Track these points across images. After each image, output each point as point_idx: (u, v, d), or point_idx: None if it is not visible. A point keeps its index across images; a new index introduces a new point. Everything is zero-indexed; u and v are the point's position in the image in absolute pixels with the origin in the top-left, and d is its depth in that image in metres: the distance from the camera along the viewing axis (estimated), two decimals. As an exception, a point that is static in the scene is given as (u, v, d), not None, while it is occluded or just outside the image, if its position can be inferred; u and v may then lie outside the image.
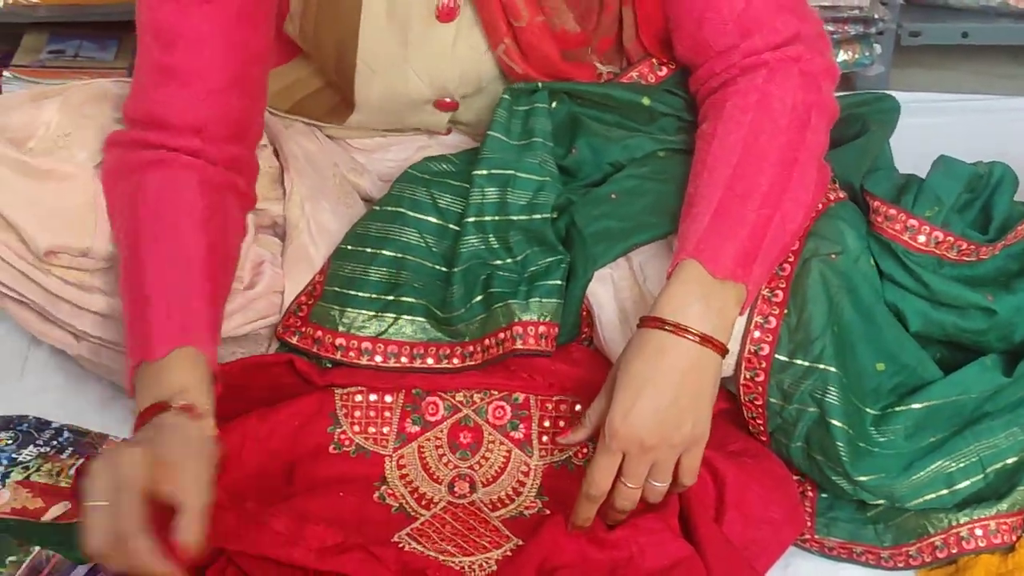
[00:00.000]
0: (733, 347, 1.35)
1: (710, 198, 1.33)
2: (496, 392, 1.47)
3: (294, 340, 1.48)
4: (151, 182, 1.37)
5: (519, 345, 1.41)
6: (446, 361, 1.46)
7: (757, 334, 1.37)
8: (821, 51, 1.42)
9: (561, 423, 1.45)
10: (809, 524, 1.44)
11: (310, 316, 1.49)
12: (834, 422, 1.37)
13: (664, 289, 1.29)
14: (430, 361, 1.46)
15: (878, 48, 2.49)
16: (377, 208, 1.54)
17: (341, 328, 1.47)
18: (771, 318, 1.37)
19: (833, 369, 1.36)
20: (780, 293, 1.37)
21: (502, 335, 1.42)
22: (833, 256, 1.38)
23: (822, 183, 1.39)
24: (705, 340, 1.26)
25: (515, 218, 1.47)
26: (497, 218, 1.48)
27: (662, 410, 1.25)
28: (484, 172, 1.48)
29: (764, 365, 1.38)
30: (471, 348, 1.45)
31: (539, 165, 1.48)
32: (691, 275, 1.28)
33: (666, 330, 1.26)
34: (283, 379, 1.49)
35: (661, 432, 1.25)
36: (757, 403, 1.40)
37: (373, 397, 1.47)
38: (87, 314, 1.48)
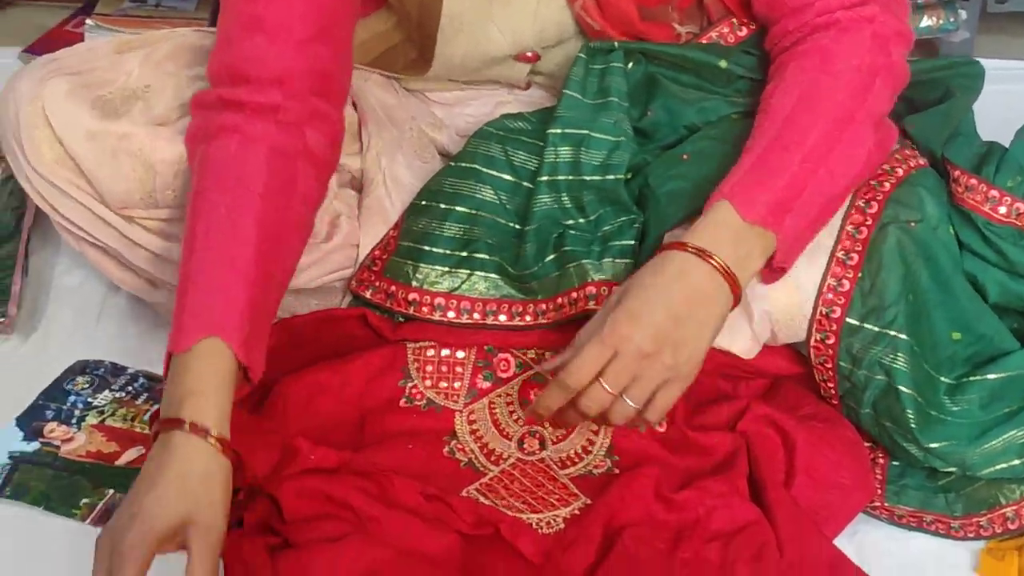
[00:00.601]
0: (806, 308, 1.36)
1: (755, 148, 1.33)
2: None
3: (367, 294, 1.49)
4: (216, 151, 1.33)
5: (592, 305, 1.40)
6: (518, 318, 1.46)
7: (830, 296, 1.37)
8: (897, 14, 1.40)
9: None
10: (879, 491, 1.43)
11: (384, 271, 1.50)
12: (903, 389, 1.36)
13: (694, 226, 1.29)
14: (502, 318, 1.47)
15: (963, 14, 2.44)
16: (452, 164, 1.54)
17: (414, 283, 1.48)
18: (845, 281, 1.36)
19: (904, 336, 1.35)
20: (855, 256, 1.36)
21: (575, 294, 1.42)
22: (912, 224, 1.37)
23: (883, 145, 1.38)
24: (727, 274, 1.26)
25: (588, 178, 1.47)
26: (571, 177, 1.47)
27: (668, 323, 1.25)
28: (559, 131, 1.48)
29: (835, 328, 1.37)
30: (543, 306, 1.45)
31: (614, 125, 1.47)
32: (722, 216, 1.28)
33: (689, 251, 1.27)
34: (355, 333, 1.50)
35: (659, 344, 1.25)
36: (827, 366, 1.40)
37: (445, 352, 1.48)
38: (165, 262, 1.49)
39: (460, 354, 1.48)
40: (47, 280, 1.86)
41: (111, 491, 1.48)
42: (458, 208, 1.50)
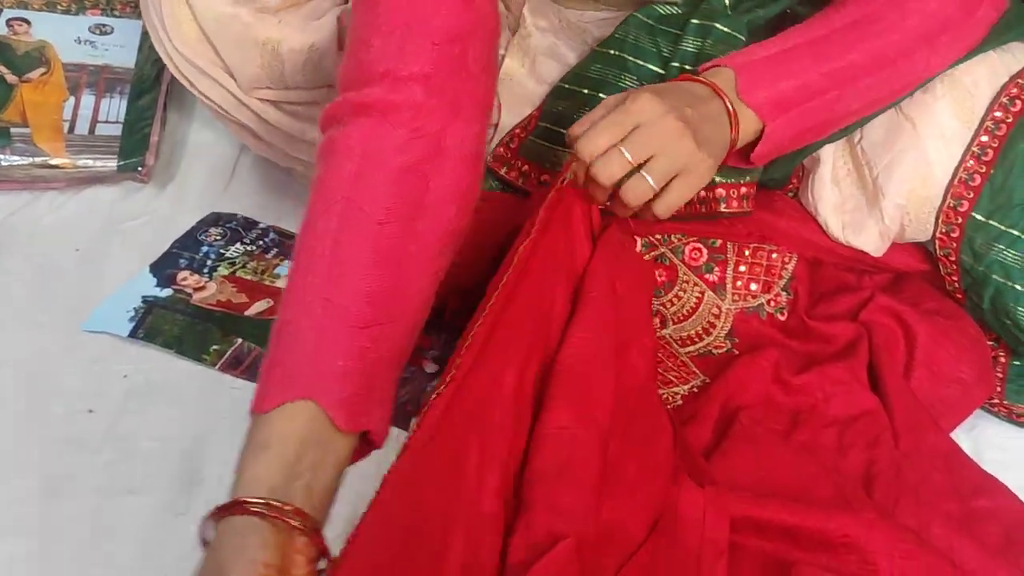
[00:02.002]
0: (935, 201, 1.36)
1: (790, 40, 1.29)
2: (694, 236, 1.47)
3: (502, 171, 1.49)
4: (334, 169, 1.13)
5: (723, 208, 1.38)
6: None
7: (960, 189, 1.36)
8: None
9: (757, 270, 1.46)
10: (999, 389, 1.44)
11: (520, 149, 1.50)
12: (1018, 288, 1.35)
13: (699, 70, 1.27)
14: (627, 210, 1.46)
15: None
16: (600, 49, 1.49)
17: (547, 165, 1.47)
18: (976, 175, 1.35)
19: None
20: (991, 152, 1.35)
21: (704, 193, 1.39)
22: (1054, 126, 1.35)
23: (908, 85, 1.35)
24: (732, 113, 1.23)
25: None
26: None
27: (689, 115, 1.19)
28: (696, 21, 1.41)
29: (960, 221, 1.36)
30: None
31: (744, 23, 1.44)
32: (722, 79, 1.24)
33: (700, 82, 1.24)
34: None
35: (684, 123, 1.18)
36: (951, 259, 1.39)
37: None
38: (299, 142, 1.51)
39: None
40: (184, 134, 1.91)
41: (239, 340, 1.52)
42: (601, 95, 1.45)
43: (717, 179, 1.37)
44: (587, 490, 1.08)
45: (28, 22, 1.94)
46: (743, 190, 1.39)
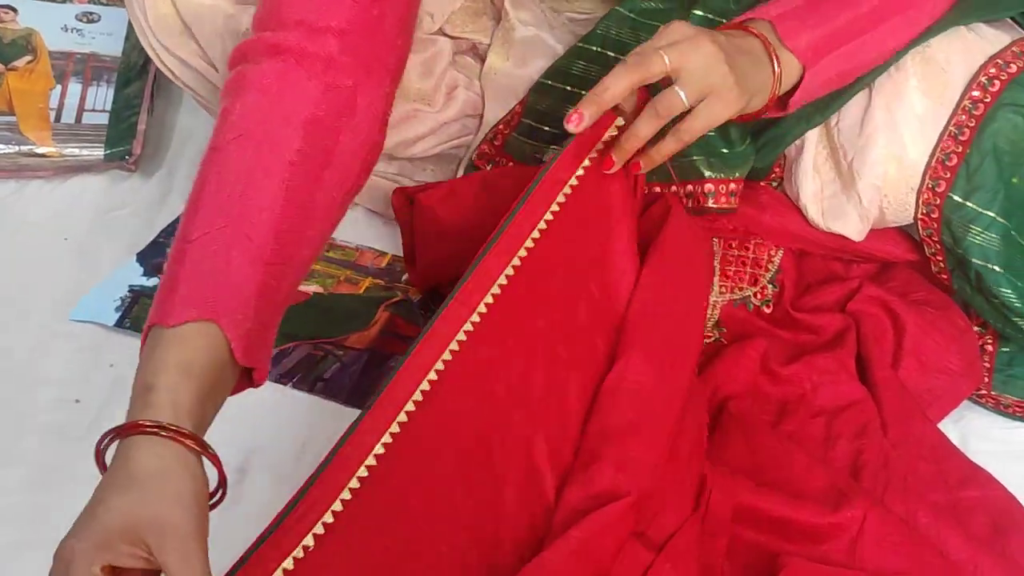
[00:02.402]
0: (913, 182, 1.36)
1: None
2: (680, 232, 1.47)
3: (487, 169, 1.49)
4: (248, 104, 1.13)
5: (711, 204, 1.39)
6: None
7: (938, 169, 1.35)
8: None
9: (744, 263, 1.45)
10: (986, 379, 1.44)
11: (504, 146, 1.49)
12: (996, 269, 1.35)
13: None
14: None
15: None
16: (582, 45, 1.48)
17: (531, 162, 1.46)
18: (953, 156, 1.35)
19: (1001, 220, 1.35)
20: (967, 132, 1.34)
21: (691, 187, 1.40)
22: (1032, 110, 1.35)
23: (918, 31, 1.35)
24: (774, 57, 1.23)
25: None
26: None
27: (723, 42, 1.20)
28: (700, 14, 1.41)
29: (938, 202, 1.36)
30: (658, 188, 1.43)
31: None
32: (758, 27, 1.25)
33: (740, 28, 1.25)
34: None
35: (715, 51, 1.18)
36: (934, 239, 1.39)
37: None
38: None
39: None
40: (171, 122, 1.90)
41: (226, 329, 1.52)
42: (583, 92, 1.44)
43: (707, 173, 1.38)
44: (657, 449, 1.10)
45: (14, 10, 1.93)
46: (732, 186, 1.39)
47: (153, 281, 1.58)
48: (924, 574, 1.14)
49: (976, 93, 1.35)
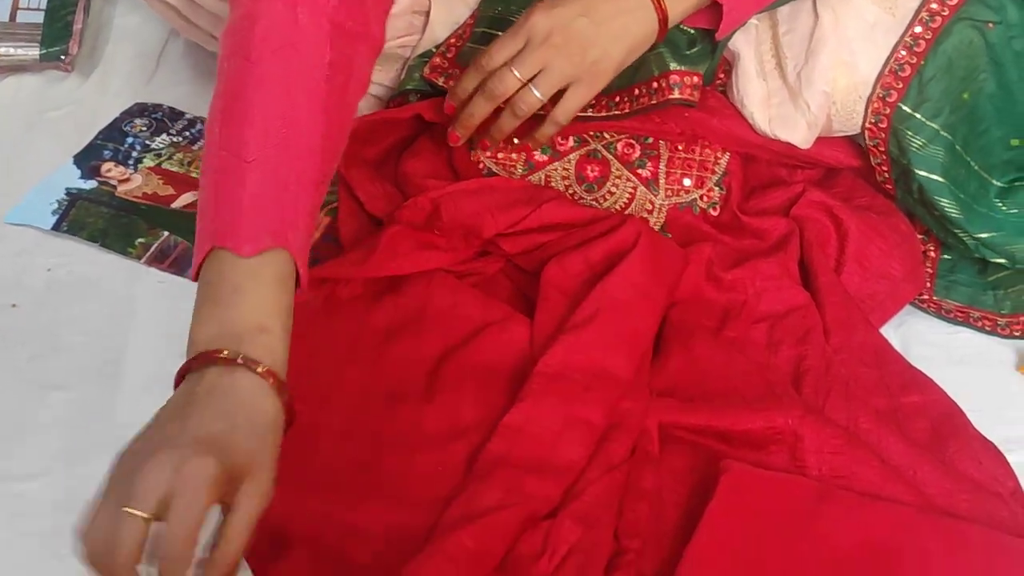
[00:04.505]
0: (863, 91, 1.35)
1: None
2: (627, 133, 1.45)
3: (440, 81, 1.45)
4: (269, 16, 1.09)
5: (676, 95, 1.38)
6: (591, 110, 1.41)
7: (889, 79, 1.35)
8: None
9: (690, 165, 1.45)
10: (928, 285, 1.44)
11: (457, 57, 1.47)
12: (938, 180, 1.35)
13: None
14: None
15: None
16: None
17: None
18: (907, 66, 1.34)
19: (946, 135, 1.35)
20: (923, 44, 1.34)
21: (655, 84, 1.39)
22: (989, 25, 1.35)
23: None
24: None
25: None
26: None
27: (582, 21, 1.27)
28: None
29: (888, 112, 1.36)
30: (618, 97, 1.42)
31: None
32: None
33: None
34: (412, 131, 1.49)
35: (569, 37, 1.27)
36: (880, 149, 1.39)
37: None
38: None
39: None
40: (108, 20, 1.86)
41: (165, 233, 1.50)
42: None
43: (672, 65, 1.38)
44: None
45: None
46: (695, 79, 1.38)
47: (91, 184, 1.56)
48: (863, 478, 1.14)
49: (935, 5, 1.35)
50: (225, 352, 0.92)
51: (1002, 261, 1.39)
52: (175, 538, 0.83)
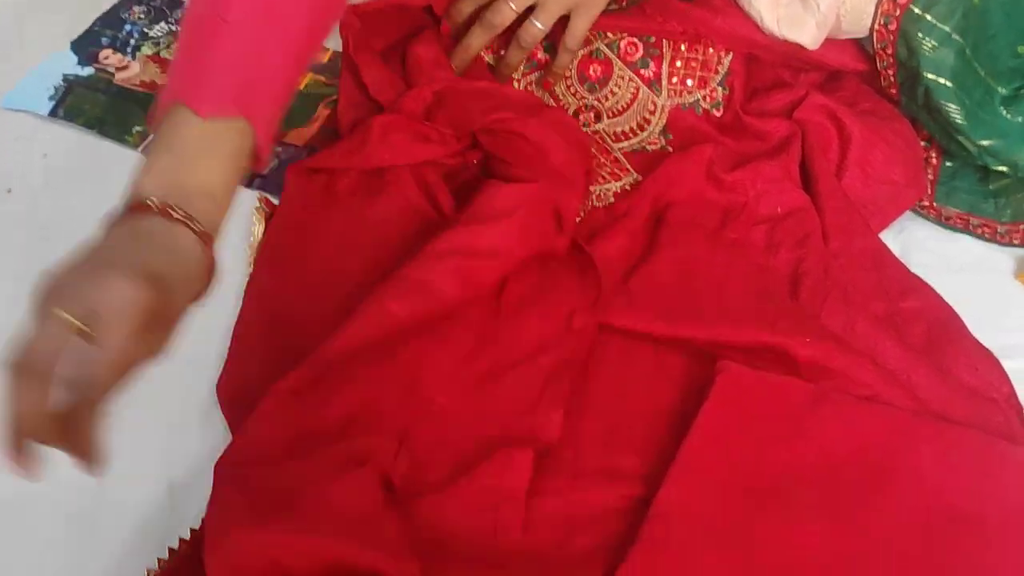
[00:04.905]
0: None
1: None
2: (629, 32, 1.44)
3: None
4: None
5: None
6: None
7: None
8: None
9: (693, 65, 1.43)
10: (929, 191, 1.44)
11: None
12: (946, 84, 1.34)
13: None
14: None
15: None
16: None
17: None
18: None
19: (957, 37, 1.33)
20: None
21: None
22: (1000, -71, 1.33)
23: None
24: None
25: None
26: None
27: None
28: None
29: (898, 13, 1.35)
30: None
31: None
32: None
33: None
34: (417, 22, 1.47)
35: None
36: (887, 51, 1.38)
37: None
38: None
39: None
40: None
41: (163, 122, 1.49)
42: None
43: None
44: None
45: None
46: None
47: (88, 70, 1.55)
48: (859, 382, 1.15)
49: None
50: (171, 208, 0.92)
51: (1004, 169, 1.39)
52: (106, 348, 0.82)
